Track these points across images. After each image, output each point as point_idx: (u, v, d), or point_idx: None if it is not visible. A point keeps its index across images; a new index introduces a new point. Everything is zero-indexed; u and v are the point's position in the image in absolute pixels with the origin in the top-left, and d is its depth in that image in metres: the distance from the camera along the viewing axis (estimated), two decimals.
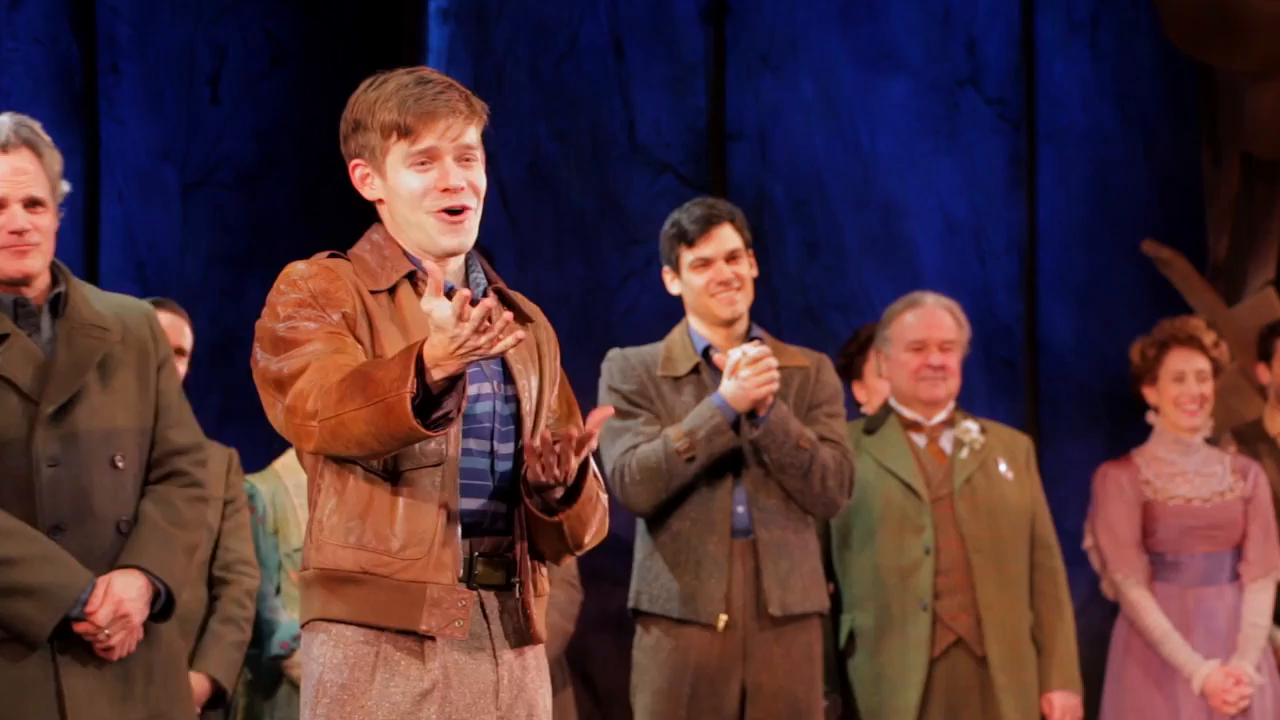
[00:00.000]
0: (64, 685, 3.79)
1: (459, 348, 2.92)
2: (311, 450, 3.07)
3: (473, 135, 3.16)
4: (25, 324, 3.87)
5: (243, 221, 6.84)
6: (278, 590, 5.03)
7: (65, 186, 3.97)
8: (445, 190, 3.12)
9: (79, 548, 3.82)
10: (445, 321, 2.92)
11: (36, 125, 3.94)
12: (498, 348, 2.94)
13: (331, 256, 3.18)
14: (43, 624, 3.77)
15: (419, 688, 3.08)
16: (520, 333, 2.96)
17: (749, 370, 4.66)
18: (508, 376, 3.18)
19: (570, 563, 4.39)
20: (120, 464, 3.89)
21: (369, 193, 3.18)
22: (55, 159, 3.93)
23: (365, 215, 3.28)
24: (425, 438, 2.98)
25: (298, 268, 3.14)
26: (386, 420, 2.94)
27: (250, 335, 3.06)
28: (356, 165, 3.17)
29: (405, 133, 3.11)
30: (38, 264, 3.89)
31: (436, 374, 2.95)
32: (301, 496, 4.96)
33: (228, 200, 6.84)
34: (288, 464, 5.09)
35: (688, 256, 4.80)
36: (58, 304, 3.92)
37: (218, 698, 4.70)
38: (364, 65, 3.26)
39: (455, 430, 3.08)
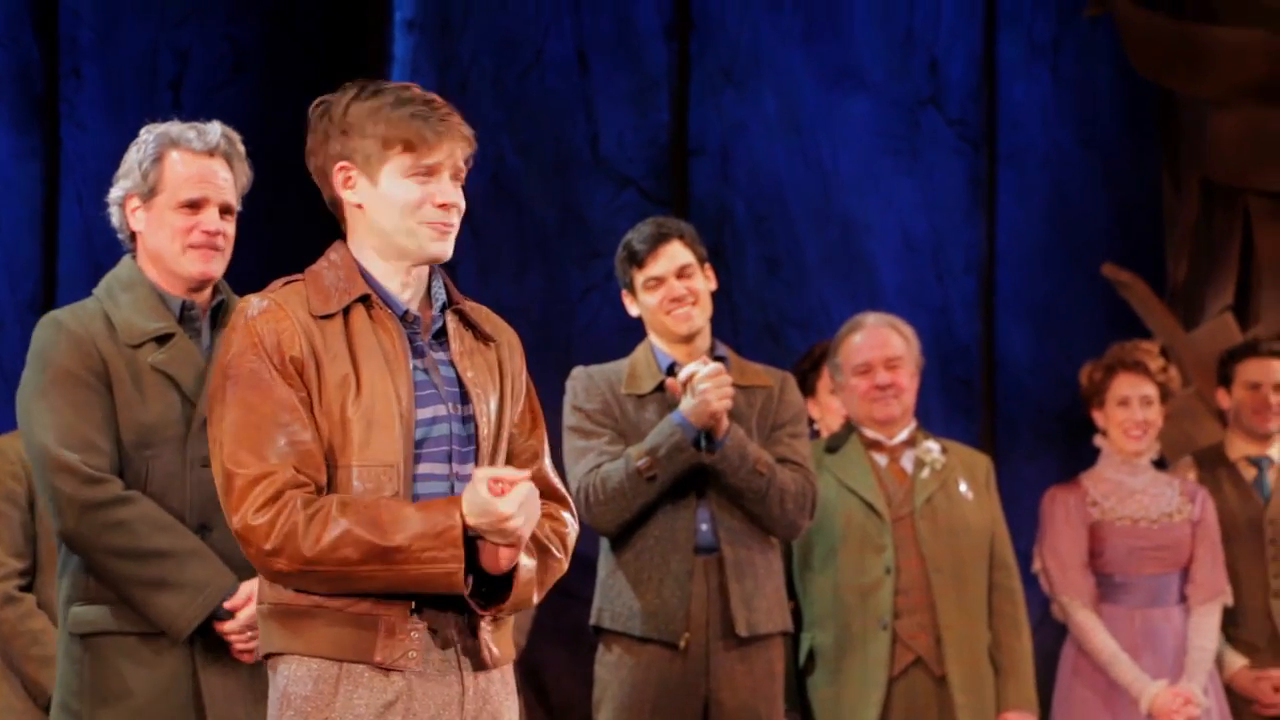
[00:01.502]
0: (202, 684, 3.81)
1: (501, 534, 3.05)
2: (271, 579, 3.10)
3: (465, 159, 3.22)
4: (188, 328, 3.91)
5: None
6: None
7: (240, 206, 4.03)
8: (441, 205, 3.16)
9: (223, 550, 3.82)
10: (500, 511, 3.03)
11: (237, 138, 3.99)
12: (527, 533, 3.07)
13: (287, 284, 3.19)
14: (188, 619, 3.78)
15: (383, 699, 3.09)
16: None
17: (706, 384, 4.66)
18: (464, 396, 3.20)
19: None
20: None
21: (350, 195, 3.19)
22: (244, 172, 3.99)
23: (325, 223, 3.27)
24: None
25: (250, 306, 3.15)
26: (421, 585, 3.04)
27: None
28: (343, 167, 3.18)
29: (412, 147, 3.14)
30: (219, 269, 3.93)
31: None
32: None
33: None
34: None
35: (640, 277, 4.81)
36: (219, 313, 3.95)
37: None
38: (327, 74, 3.29)
39: (408, 456, 3.12)
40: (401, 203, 3.15)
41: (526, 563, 3.13)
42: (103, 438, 3.80)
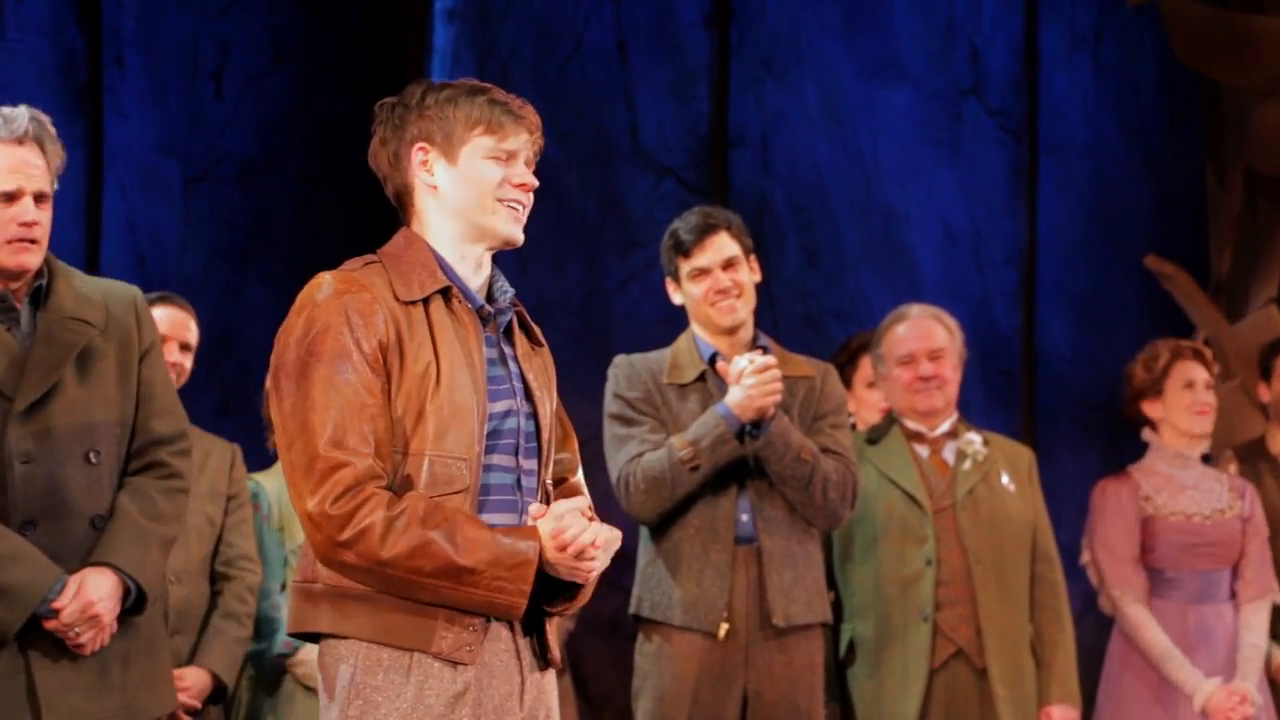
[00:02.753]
0: (36, 678, 3.76)
1: (575, 569, 3.11)
2: (330, 567, 3.09)
3: (535, 152, 3.27)
4: (4, 318, 3.84)
5: (243, 217, 6.84)
6: (282, 587, 5.02)
7: (56, 185, 3.95)
8: (519, 185, 3.21)
9: (52, 544, 3.78)
10: (582, 539, 3.08)
11: (46, 119, 3.92)
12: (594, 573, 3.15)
13: (367, 265, 3.20)
14: (9, 623, 3.74)
15: (452, 690, 3.10)
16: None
17: (754, 379, 4.65)
18: (527, 394, 3.24)
19: None
20: (95, 459, 3.84)
21: (425, 178, 3.21)
22: (58, 154, 3.92)
23: (364, 214, 3.29)
24: None
25: (326, 284, 3.15)
26: (483, 607, 3.08)
27: (249, 330, 3.06)
28: (421, 147, 3.21)
29: (494, 129, 3.19)
30: (38, 261, 3.86)
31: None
32: None
33: (229, 195, 6.84)
34: None
35: (686, 267, 4.80)
36: (39, 296, 3.88)
37: (219, 693, 4.69)
38: (367, 64, 3.27)
39: (479, 452, 3.13)
40: (481, 182, 3.19)
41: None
42: None
